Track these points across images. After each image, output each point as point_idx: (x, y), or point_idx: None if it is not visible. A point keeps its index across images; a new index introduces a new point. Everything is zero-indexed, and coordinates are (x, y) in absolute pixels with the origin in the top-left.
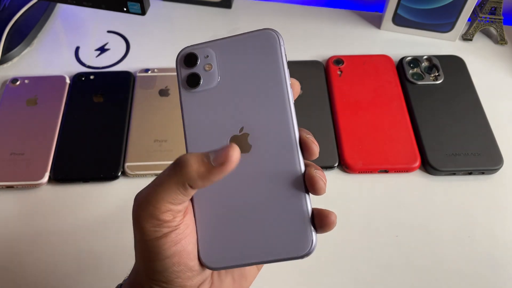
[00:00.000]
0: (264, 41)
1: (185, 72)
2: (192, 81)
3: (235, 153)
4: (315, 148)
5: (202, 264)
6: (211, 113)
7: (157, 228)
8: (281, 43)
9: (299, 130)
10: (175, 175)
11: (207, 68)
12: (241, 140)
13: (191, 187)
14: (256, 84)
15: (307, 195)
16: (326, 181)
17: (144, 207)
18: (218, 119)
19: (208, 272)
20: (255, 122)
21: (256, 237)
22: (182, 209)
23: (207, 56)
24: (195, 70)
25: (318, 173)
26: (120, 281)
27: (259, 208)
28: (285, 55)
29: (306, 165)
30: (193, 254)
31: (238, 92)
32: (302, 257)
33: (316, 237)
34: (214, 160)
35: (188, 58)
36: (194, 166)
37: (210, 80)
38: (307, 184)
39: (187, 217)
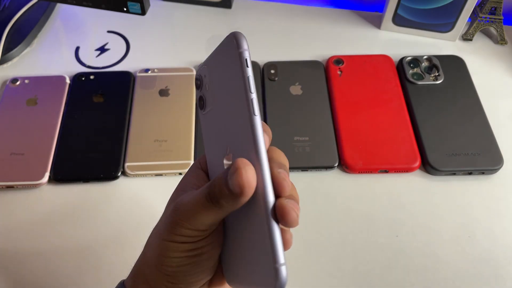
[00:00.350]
0: (229, 49)
1: (197, 94)
2: (200, 103)
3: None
4: (285, 184)
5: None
6: (213, 133)
7: (188, 238)
8: (241, 47)
9: (272, 162)
10: (209, 207)
11: (207, 88)
12: (228, 161)
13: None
14: (231, 104)
15: (275, 229)
16: (298, 211)
17: (183, 219)
18: (216, 139)
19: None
20: (234, 143)
21: (242, 266)
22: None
23: (205, 75)
24: (201, 92)
25: (290, 203)
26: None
27: (242, 238)
28: (246, 61)
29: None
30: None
31: (223, 113)
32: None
33: (285, 272)
34: (232, 190)
35: (196, 82)
36: (222, 201)
37: (211, 100)
38: (278, 216)
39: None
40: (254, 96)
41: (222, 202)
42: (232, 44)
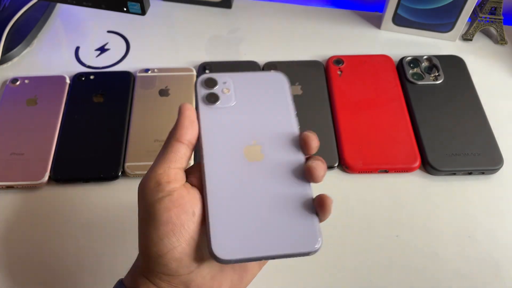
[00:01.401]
0: (276, 80)
1: (205, 91)
2: (211, 99)
3: (182, 106)
4: (312, 142)
5: (213, 257)
6: (227, 126)
7: (153, 192)
8: (289, 84)
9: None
10: (164, 144)
11: (225, 91)
12: (254, 150)
13: (177, 140)
14: (267, 111)
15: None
16: (324, 169)
17: (146, 175)
18: (233, 133)
19: (208, 264)
20: (266, 138)
21: (266, 233)
22: (176, 176)
23: (225, 82)
24: (214, 91)
25: (315, 163)
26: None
27: (270, 206)
28: (291, 92)
29: (306, 160)
30: (188, 230)
31: (252, 114)
32: (309, 253)
33: (322, 236)
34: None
35: (209, 81)
36: (170, 130)
37: (227, 101)
38: (306, 175)
39: (184, 190)
40: (295, 114)
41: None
42: (282, 79)
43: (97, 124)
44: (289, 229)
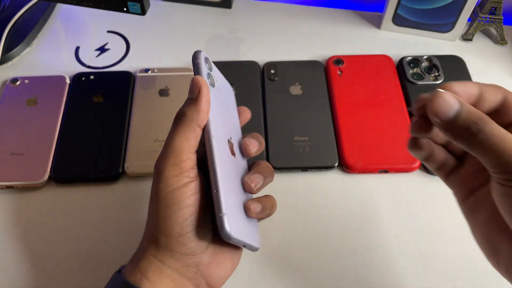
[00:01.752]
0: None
1: (207, 70)
2: (211, 81)
3: (200, 81)
4: (248, 148)
5: (223, 235)
6: (218, 115)
7: (179, 177)
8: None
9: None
10: (181, 125)
11: (215, 79)
12: (231, 146)
13: (198, 126)
14: (231, 111)
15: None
16: (256, 145)
17: (168, 159)
18: (222, 124)
19: (211, 247)
20: (234, 138)
21: (247, 224)
22: (195, 162)
23: (214, 71)
24: (212, 73)
25: (248, 140)
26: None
27: (240, 199)
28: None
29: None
30: (203, 212)
31: (226, 111)
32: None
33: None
34: (191, 96)
35: (208, 62)
36: (188, 111)
37: (217, 89)
38: (242, 150)
39: (201, 176)
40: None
41: (185, 110)
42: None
43: (97, 124)
44: (255, 227)
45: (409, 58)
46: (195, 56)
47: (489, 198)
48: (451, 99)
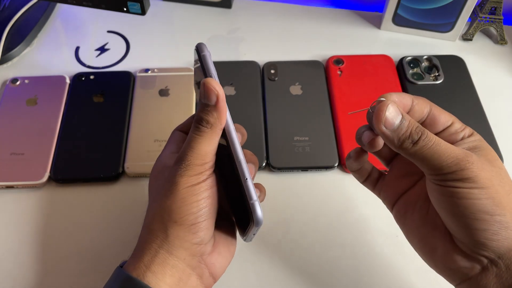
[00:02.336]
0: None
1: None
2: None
3: (216, 85)
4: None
5: (256, 219)
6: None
7: (200, 175)
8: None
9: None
10: (207, 132)
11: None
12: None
13: (221, 129)
14: None
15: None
16: (240, 137)
17: (193, 161)
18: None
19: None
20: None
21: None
22: (214, 160)
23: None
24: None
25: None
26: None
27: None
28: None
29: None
30: (215, 203)
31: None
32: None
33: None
34: (208, 103)
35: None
36: (211, 119)
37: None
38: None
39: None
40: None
41: (209, 118)
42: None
43: (97, 124)
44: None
45: (409, 58)
46: (201, 48)
47: (418, 200)
48: (396, 109)
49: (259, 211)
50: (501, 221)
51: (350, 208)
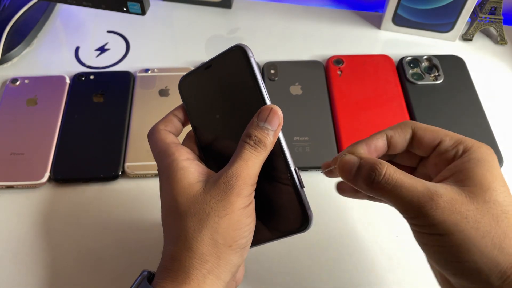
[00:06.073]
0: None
1: None
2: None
3: (279, 112)
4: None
5: (309, 227)
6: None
7: (249, 197)
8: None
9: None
10: (262, 154)
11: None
12: None
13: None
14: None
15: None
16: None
17: (247, 182)
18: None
19: None
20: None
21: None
22: None
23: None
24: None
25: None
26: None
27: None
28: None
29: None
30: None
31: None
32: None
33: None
34: (270, 128)
35: None
36: (268, 142)
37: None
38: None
39: None
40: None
41: (266, 142)
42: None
43: (97, 124)
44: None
45: (409, 58)
46: (247, 50)
47: None
48: (351, 158)
49: (312, 219)
50: (470, 268)
51: (350, 208)
